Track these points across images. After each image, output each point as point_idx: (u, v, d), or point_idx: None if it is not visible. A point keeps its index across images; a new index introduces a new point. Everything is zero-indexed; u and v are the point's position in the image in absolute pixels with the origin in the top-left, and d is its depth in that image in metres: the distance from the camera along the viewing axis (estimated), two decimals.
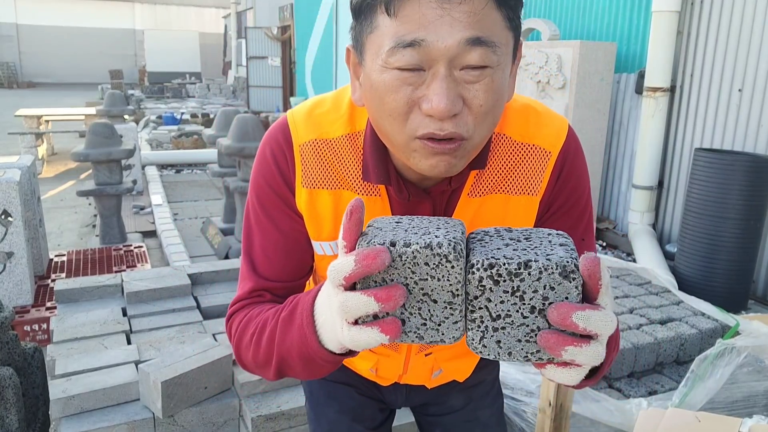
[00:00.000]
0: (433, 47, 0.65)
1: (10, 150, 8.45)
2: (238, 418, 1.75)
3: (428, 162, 0.71)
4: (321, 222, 0.86)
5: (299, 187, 0.85)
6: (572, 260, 0.58)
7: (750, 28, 3.79)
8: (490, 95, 0.69)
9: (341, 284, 0.59)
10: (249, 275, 0.89)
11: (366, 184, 0.84)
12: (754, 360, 2.05)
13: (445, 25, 0.64)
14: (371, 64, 0.70)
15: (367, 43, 0.71)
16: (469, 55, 0.66)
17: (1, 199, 2.95)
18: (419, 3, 0.65)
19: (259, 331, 0.80)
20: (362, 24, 0.71)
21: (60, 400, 1.60)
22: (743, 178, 3.34)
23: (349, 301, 0.58)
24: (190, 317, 2.21)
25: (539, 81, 4.69)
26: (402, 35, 0.66)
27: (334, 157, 0.84)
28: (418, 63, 0.66)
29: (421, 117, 0.68)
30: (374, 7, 0.68)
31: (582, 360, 0.58)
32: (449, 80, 0.66)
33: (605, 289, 0.58)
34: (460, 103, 0.68)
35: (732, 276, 3.46)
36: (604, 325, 0.56)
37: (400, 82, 0.68)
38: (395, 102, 0.69)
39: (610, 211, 5.03)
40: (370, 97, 0.72)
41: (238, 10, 21.13)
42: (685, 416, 1.62)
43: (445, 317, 0.60)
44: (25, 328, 2.91)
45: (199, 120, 12.17)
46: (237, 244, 4.30)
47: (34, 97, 20.02)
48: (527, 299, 0.58)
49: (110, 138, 4.26)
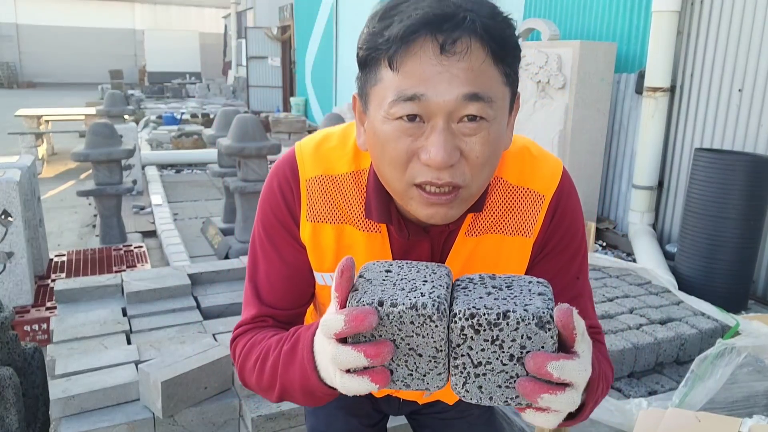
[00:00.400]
0: (432, 102, 0.69)
1: (10, 150, 8.45)
2: (238, 418, 1.75)
3: (426, 211, 0.75)
4: (323, 254, 0.90)
5: (304, 221, 0.89)
6: (548, 311, 0.61)
7: (750, 28, 3.79)
8: (486, 147, 0.72)
9: (332, 337, 0.63)
10: (253, 301, 0.92)
11: (367, 220, 0.87)
12: (754, 360, 2.06)
13: (444, 81, 0.69)
14: (375, 114, 0.75)
15: (372, 94, 0.75)
16: (466, 109, 0.70)
17: (1, 199, 2.95)
18: (420, 59, 0.69)
19: (263, 358, 0.83)
20: (367, 75, 0.75)
21: (60, 400, 1.60)
22: (743, 178, 3.34)
23: (341, 355, 0.63)
24: (190, 317, 2.21)
25: (539, 81, 4.69)
26: (403, 89, 0.70)
27: (338, 193, 0.88)
28: (418, 115, 0.71)
29: (420, 166, 0.72)
30: (378, 61, 0.72)
31: (557, 407, 0.61)
32: (447, 133, 0.70)
33: (581, 337, 0.61)
34: (457, 155, 0.71)
35: (732, 276, 3.45)
36: (578, 374, 0.60)
37: (401, 133, 0.72)
38: (395, 151, 0.73)
39: (610, 211, 5.04)
40: (373, 144, 0.77)
41: (238, 10, 21.13)
42: (685, 416, 1.62)
43: (430, 369, 0.65)
44: (25, 328, 2.91)
45: (199, 120, 12.17)
46: (237, 244, 4.30)
47: (34, 97, 20.02)
48: (506, 348, 0.61)
49: (110, 138, 4.26)
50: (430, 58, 0.69)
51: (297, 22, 14.24)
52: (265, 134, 4.32)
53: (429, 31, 0.69)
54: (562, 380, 0.60)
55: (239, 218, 4.36)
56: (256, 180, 4.23)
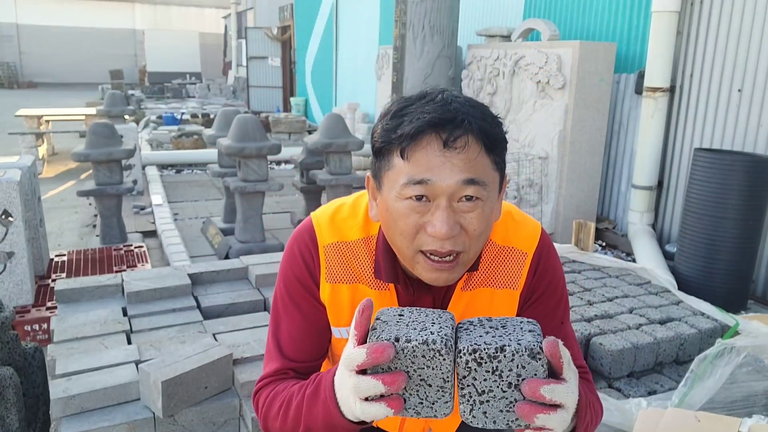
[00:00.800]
0: (437, 186, 0.85)
1: (11, 150, 8.45)
2: (238, 418, 1.75)
3: (431, 275, 0.90)
4: (340, 311, 1.02)
5: (323, 282, 1.02)
6: (538, 344, 0.73)
7: (750, 28, 3.79)
8: (481, 221, 0.89)
9: (354, 370, 0.75)
10: (276, 356, 1.03)
11: (378, 280, 1.01)
12: (754, 360, 2.06)
13: (446, 170, 0.85)
14: (388, 193, 0.90)
15: (385, 177, 0.91)
16: (464, 191, 0.86)
17: (2, 199, 2.95)
18: (427, 152, 0.85)
19: (287, 403, 0.94)
20: (381, 162, 0.91)
21: (60, 399, 1.60)
22: (743, 178, 3.34)
23: (362, 384, 0.74)
24: (191, 317, 2.21)
25: (539, 81, 4.70)
26: (413, 175, 0.86)
27: (352, 257, 1.02)
28: (425, 195, 0.86)
29: (426, 237, 0.87)
30: (392, 152, 0.88)
31: (551, 425, 0.73)
32: (449, 210, 0.86)
33: (567, 365, 0.74)
34: (458, 228, 0.87)
35: (731, 276, 3.46)
36: (567, 396, 0.72)
37: (411, 210, 0.87)
38: (406, 225, 0.88)
39: (610, 211, 5.04)
40: (386, 217, 0.92)
41: (238, 11, 21.12)
42: (684, 416, 1.62)
43: (438, 398, 0.75)
44: (26, 327, 2.92)
45: (199, 120, 12.17)
46: (237, 244, 4.31)
47: (35, 97, 20.02)
48: (505, 377, 0.73)
49: (110, 138, 4.26)
50: (435, 151, 0.85)
51: (297, 22, 14.24)
52: (266, 134, 4.32)
53: (434, 130, 0.85)
54: (554, 402, 0.72)
55: (239, 218, 4.36)
56: (256, 180, 4.24)
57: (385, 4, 9.40)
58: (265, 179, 4.27)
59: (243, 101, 16.41)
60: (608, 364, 2.11)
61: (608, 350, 2.11)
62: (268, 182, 4.26)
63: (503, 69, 5.15)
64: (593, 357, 2.17)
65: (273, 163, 8.35)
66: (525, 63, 4.85)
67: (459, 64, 5.80)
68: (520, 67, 4.94)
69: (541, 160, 4.76)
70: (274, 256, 2.86)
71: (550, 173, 4.71)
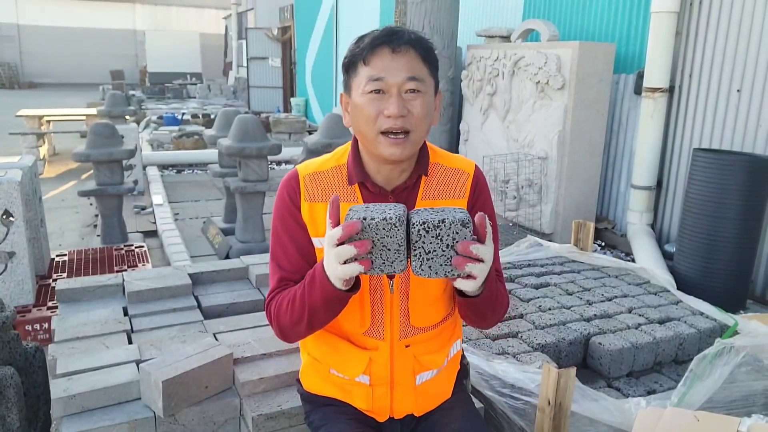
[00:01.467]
0: (389, 81, 1.20)
1: (12, 150, 8.46)
2: (238, 417, 1.75)
3: (389, 150, 1.21)
4: (319, 224, 1.30)
5: (303, 203, 1.31)
6: (467, 218, 1.05)
7: (749, 28, 3.80)
8: (423, 107, 1.23)
9: (334, 244, 1.05)
10: (276, 271, 1.32)
11: (348, 193, 1.30)
12: (753, 359, 2.06)
13: (395, 70, 1.20)
14: (355, 94, 1.24)
15: (353, 83, 1.25)
16: (408, 85, 1.21)
17: (3, 199, 2.96)
18: (381, 57, 1.21)
19: (291, 299, 1.23)
20: (350, 74, 1.26)
21: (61, 399, 1.60)
22: (742, 178, 3.34)
23: (340, 251, 1.04)
24: (191, 317, 2.22)
25: (538, 82, 4.70)
26: (372, 75, 1.21)
27: (326, 180, 1.32)
28: (380, 89, 1.21)
29: (383, 119, 1.20)
30: (357, 63, 1.23)
31: (476, 273, 1.06)
32: (399, 98, 1.20)
33: (488, 237, 1.08)
34: (406, 110, 1.20)
35: (730, 275, 3.46)
36: (487, 253, 1.06)
37: (372, 100, 1.21)
38: (369, 111, 1.21)
39: (609, 211, 5.04)
40: (355, 112, 1.25)
41: (239, 11, 21.13)
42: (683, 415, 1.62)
43: (395, 258, 1.06)
44: (27, 327, 2.92)
45: (199, 120, 12.18)
46: (237, 244, 4.31)
47: (36, 97, 20.03)
48: (444, 240, 1.04)
49: (111, 138, 4.27)
50: (386, 56, 1.21)
51: (297, 23, 14.25)
52: (266, 134, 4.33)
53: (385, 41, 1.20)
54: (478, 257, 1.05)
55: (240, 218, 4.36)
56: (256, 180, 4.24)
57: (385, 5, 9.40)
58: (265, 179, 4.28)
59: (243, 101, 16.42)
60: (607, 363, 2.11)
61: (607, 350, 2.11)
62: (269, 182, 4.27)
63: (503, 69, 5.16)
64: (592, 356, 2.18)
65: (273, 163, 8.36)
66: (524, 63, 4.86)
67: (459, 65, 5.80)
68: (519, 68, 4.95)
69: (540, 161, 4.76)
70: None
71: (550, 173, 4.71)
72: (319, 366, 1.42)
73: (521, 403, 1.84)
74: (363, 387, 1.36)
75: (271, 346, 1.92)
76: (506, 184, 5.11)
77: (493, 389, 1.89)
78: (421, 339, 1.36)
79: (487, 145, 5.47)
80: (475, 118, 5.61)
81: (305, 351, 1.48)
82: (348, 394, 1.39)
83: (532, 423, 1.80)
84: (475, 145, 5.66)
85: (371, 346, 1.34)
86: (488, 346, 2.12)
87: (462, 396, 1.50)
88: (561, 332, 2.21)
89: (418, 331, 1.35)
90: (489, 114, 5.43)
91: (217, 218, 5.18)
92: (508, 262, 3.02)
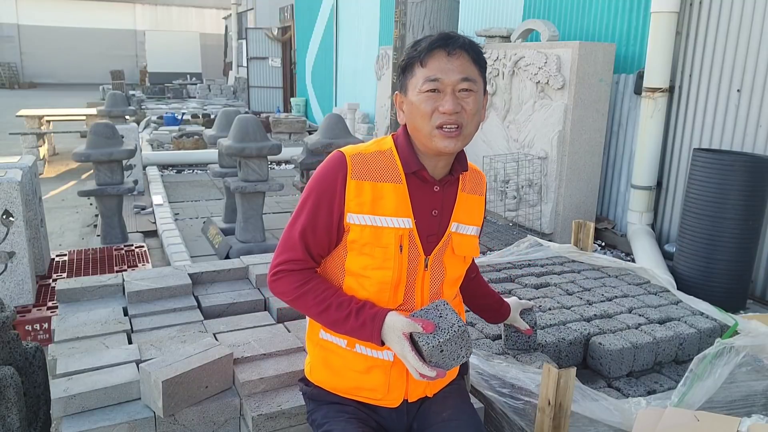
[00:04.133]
0: (444, 81, 1.30)
1: (12, 150, 8.46)
2: (238, 417, 1.75)
3: (444, 143, 1.31)
4: (363, 201, 1.36)
5: (349, 180, 1.36)
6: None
7: (749, 28, 3.80)
8: (474, 104, 1.33)
9: (419, 374, 1.26)
10: (299, 242, 1.37)
11: (394, 177, 1.38)
12: (753, 359, 2.06)
13: (450, 71, 1.30)
14: (412, 93, 1.34)
15: (409, 84, 1.35)
16: (462, 85, 1.31)
17: (3, 199, 2.96)
18: (437, 59, 1.30)
19: (323, 301, 1.36)
20: (406, 74, 1.36)
21: (61, 399, 1.60)
22: (742, 178, 3.34)
23: (417, 365, 1.26)
24: (191, 317, 2.22)
25: (538, 82, 4.70)
26: (429, 75, 1.31)
27: (371, 162, 1.39)
28: (437, 89, 1.30)
29: (438, 115, 1.30)
30: (414, 64, 1.34)
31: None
32: (453, 96, 1.30)
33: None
34: (459, 107, 1.31)
35: (730, 276, 3.46)
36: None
37: (428, 98, 1.31)
38: (426, 108, 1.31)
39: (609, 211, 5.04)
40: (411, 110, 1.35)
41: (239, 11, 21.13)
42: (683, 415, 1.63)
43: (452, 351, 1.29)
44: (27, 327, 2.92)
45: (199, 120, 12.18)
46: (238, 244, 4.31)
47: (36, 97, 20.03)
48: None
49: (111, 138, 4.27)
50: (442, 58, 1.31)
51: (297, 23, 14.25)
52: (266, 134, 4.33)
53: (441, 44, 1.31)
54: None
55: (240, 218, 4.36)
56: (256, 180, 4.24)
57: (385, 5, 9.40)
58: (265, 179, 4.28)
59: (243, 101, 16.41)
60: (607, 363, 2.11)
61: (607, 350, 2.11)
62: (269, 182, 4.27)
63: (503, 69, 5.16)
64: (592, 356, 2.18)
65: (273, 163, 8.36)
66: (524, 63, 4.86)
67: None
68: (519, 68, 4.95)
69: (540, 161, 4.76)
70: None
71: (550, 173, 4.71)
72: (333, 355, 1.45)
73: (521, 403, 1.84)
74: (383, 366, 1.40)
75: (271, 346, 1.92)
76: (506, 184, 5.11)
77: (493, 389, 1.89)
78: None
79: (487, 145, 5.47)
80: None
81: (314, 343, 1.49)
82: (363, 380, 1.42)
83: (532, 423, 1.79)
84: (475, 145, 5.65)
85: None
86: (488, 346, 2.12)
87: (457, 387, 1.56)
88: (561, 332, 2.21)
89: None
90: (489, 114, 5.43)
91: (217, 218, 5.18)
92: (508, 262, 3.02)
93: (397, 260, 1.36)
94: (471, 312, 1.89)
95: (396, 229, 1.36)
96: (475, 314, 1.87)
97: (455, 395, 1.52)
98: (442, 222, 1.42)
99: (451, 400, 1.49)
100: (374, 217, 1.36)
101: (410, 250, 1.38)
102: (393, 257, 1.36)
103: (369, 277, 1.37)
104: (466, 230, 1.47)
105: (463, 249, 1.46)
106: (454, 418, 1.43)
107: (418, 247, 1.39)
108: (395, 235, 1.36)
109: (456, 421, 1.42)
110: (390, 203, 1.36)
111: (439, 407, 1.46)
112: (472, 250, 1.50)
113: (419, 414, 1.47)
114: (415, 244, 1.38)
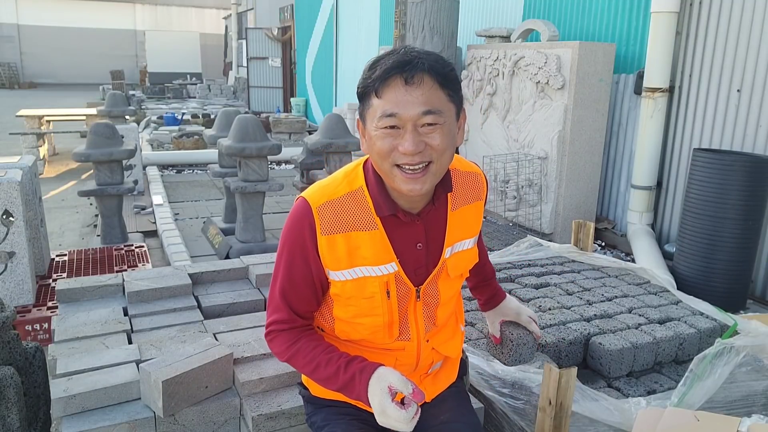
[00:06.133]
0: (403, 116, 1.12)
1: (12, 150, 8.47)
2: (238, 417, 1.75)
3: (407, 186, 1.16)
4: (338, 257, 1.24)
5: (319, 236, 1.23)
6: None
7: (749, 28, 3.80)
8: (443, 139, 1.14)
9: (408, 421, 1.12)
10: (281, 306, 1.30)
11: (367, 223, 1.24)
12: (753, 359, 2.06)
13: (409, 104, 1.11)
14: (369, 127, 1.17)
15: (367, 115, 1.17)
16: (424, 120, 1.12)
17: (3, 199, 2.96)
18: (393, 89, 1.11)
19: (312, 359, 1.27)
20: (364, 104, 1.18)
21: (61, 399, 1.60)
22: (742, 178, 3.34)
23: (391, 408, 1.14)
24: (191, 317, 2.22)
25: (538, 82, 4.70)
26: (385, 109, 1.12)
27: (341, 209, 1.24)
28: (395, 125, 1.13)
29: (399, 154, 1.14)
30: (369, 94, 1.15)
31: None
32: (414, 133, 1.12)
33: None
34: (423, 145, 1.13)
35: (731, 276, 3.46)
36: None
37: (386, 135, 1.14)
38: (383, 146, 1.14)
39: (609, 210, 5.04)
40: (369, 144, 1.19)
41: (239, 11, 21.13)
42: (683, 415, 1.62)
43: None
44: (27, 327, 2.92)
45: (199, 120, 12.18)
46: (237, 244, 4.31)
47: (36, 97, 20.03)
48: None
49: (111, 138, 4.27)
50: (399, 88, 1.11)
51: (297, 23, 14.25)
52: (266, 134, 4.33)
53: (397, 71, 1.11)
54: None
55: (240, 218, 4.36)
56: (256, 180, 4.24)
57: (385, 5, 9.40)
58: (265, 179, 4.28)
59: (243, 101, 16.41)
60: (607, 363, 2.11)
61: (607, 350, 2.11)
62: (269, 182, 4.27)
63: (503, 69, 5.16)
64: (592, 356, 2.18)
65: (273, 163, 8.36)
66: (524, 63, 4.86)
67: (459, 65, 5.80)
68: (519, 68, 4.95)
69: (540, 160, 4.76)
70: (275, 256, 2.84)
71: (550, 173, 4.71)
72: None
73: (521, 403, 1.84)
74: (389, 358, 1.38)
75: None
76: (506, 184, 5.11)
77: (493, 389, 1.89)
78: (438, 330, 1.41)
79: (487, 145, 5.47)
80: (475, 118, 5.61)
81: None
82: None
83: (532, 423, 1.79)
84: (475, 145, 5.65)
85: (397, 348, 1.36)
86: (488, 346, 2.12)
87: (456, 389, 1.53)
88: (561, 332, 2.21)
89: (438, 326, 1.41)
90: (489, 114, 5.43)
91: (217, 218, 5.18)
92: (508, 262, 3.02)
93: (385, 306, 1.27)
94: (470, 313, 1.89)
95: (379, 276, 1.25)
96: (471, 294, 1.77)
97: (454, 397, 1.50)
98: (431, 251, 1.30)
99: (449, 402, 1.47)
100: (353, 270, 1.24)
101: (398, 290, 1.29)
102: (380, 304, 1.27)
103: (360, 323, 1.31)
104: (463, 246, 1.36)
105: (459, 268, 1.37)
106: (453, 420, 1.42)
107: (406, 284, 1.29)
108: (380, 283, 1.26)
109: (455, 423, 1.41)
110: (368, 252, 1.23)
111: (437, 410, 1.45)
112: (468, 263, 1.41)
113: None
114: (404, 283, 1.29)
